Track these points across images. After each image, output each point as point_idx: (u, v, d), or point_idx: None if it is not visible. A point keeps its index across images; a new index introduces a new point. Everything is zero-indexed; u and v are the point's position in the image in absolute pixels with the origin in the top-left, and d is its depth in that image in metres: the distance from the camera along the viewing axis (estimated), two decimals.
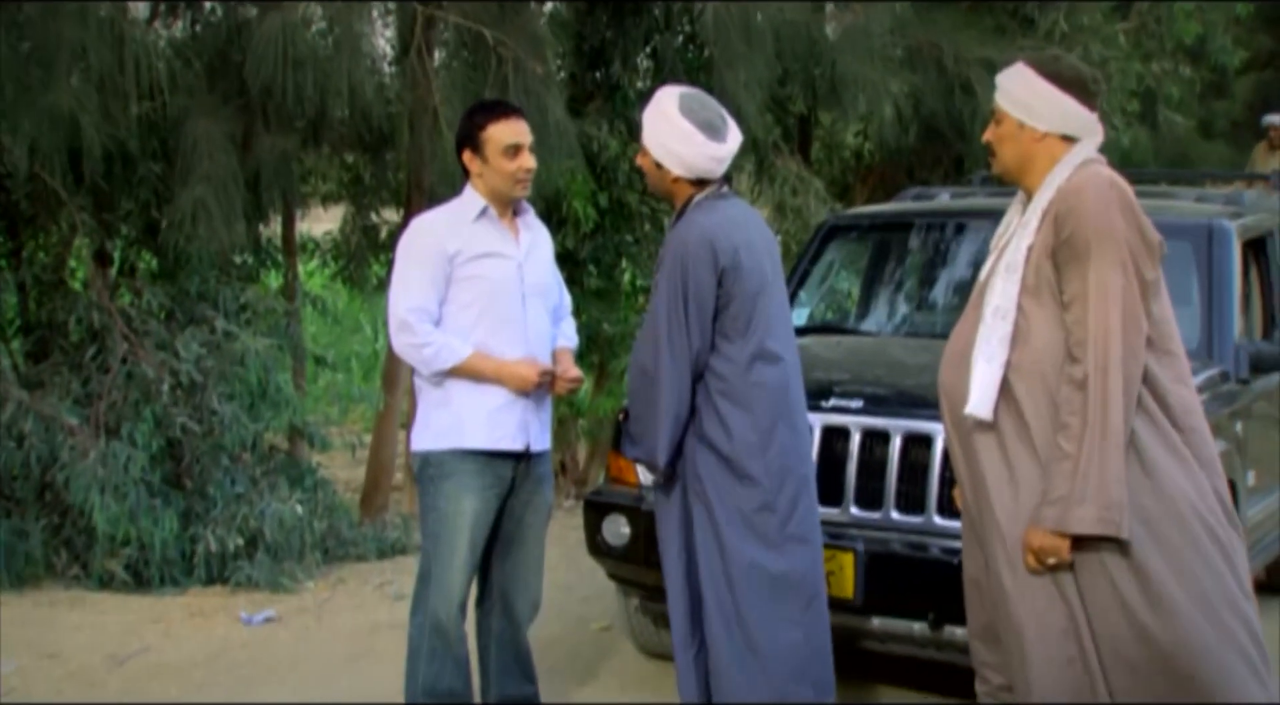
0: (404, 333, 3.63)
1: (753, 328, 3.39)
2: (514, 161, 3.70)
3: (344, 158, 8.15)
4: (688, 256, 3.35)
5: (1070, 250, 2.90)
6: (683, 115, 3.38)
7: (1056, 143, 3.02)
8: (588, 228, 7.41)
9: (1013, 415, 2.92)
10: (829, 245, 5.77)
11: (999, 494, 2.93)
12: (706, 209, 3.43)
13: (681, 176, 3.44)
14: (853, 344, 5.16)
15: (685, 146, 3.37)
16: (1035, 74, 3.01)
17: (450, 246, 3.66)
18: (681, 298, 3.35)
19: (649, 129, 3.46)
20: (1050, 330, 2.91)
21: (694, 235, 3.36)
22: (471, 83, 6.38)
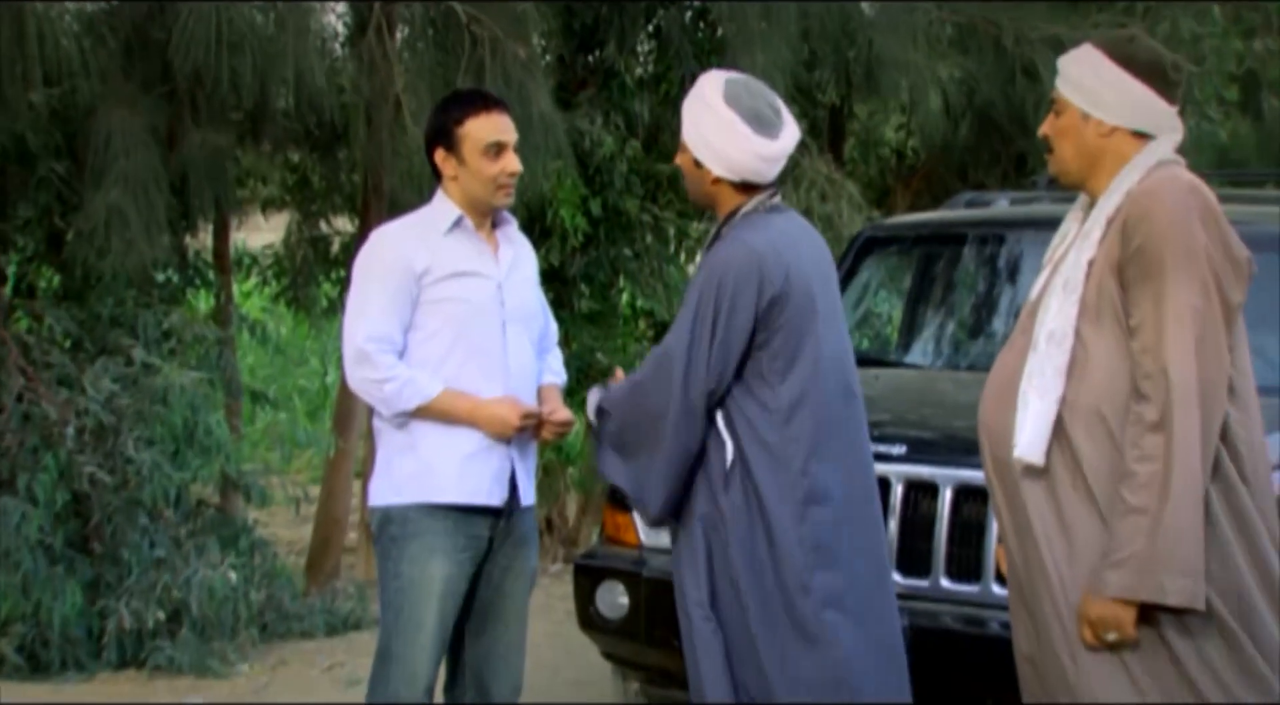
0: (361, 366, 3.67)
1: (797, 369, 3.39)
2: (496, 163, 3.73)
3: (288, 156, 8.24)
4: (729, 280, 3.35)
5: (1140, 266, 2.89)
6: (726, 103, 3.39)
7: (1127, 139, 3.02)
8: (578, 240, 7.49)
9: (1067, 460, 2.91)
10: (865, 261, 5.82)
11: (1051, 554, 2.92)
12: (757, 226, 3.43)
13: (723, 178, 3.44)
14: (894, 378, 5.20)
15: (727, 141, 3.38)
16: (1104, 57, 3.01)
17: (418, 263, 3.69)
18: (710, 328, 3.35)
19: (688, 120, 3.47)
20: (1113, 360, 2.89)
21: (739, 256, 3.36)
22: (441, 68, 6.45)
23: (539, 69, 6.70)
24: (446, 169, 3.77)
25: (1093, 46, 3.07)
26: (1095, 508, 2.90)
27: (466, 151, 3.73)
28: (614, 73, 7.71)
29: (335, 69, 6.81)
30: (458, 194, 3.78)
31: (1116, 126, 3.02)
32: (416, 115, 6.30)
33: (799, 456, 3.39)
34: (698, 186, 3.51)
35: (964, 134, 8.93)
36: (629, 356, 7.99)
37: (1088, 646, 2.89)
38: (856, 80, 8.20)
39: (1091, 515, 2.90)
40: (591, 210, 7.57)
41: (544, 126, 6.36)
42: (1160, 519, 2.80)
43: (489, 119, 3.73)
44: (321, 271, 8.52)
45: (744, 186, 3.46)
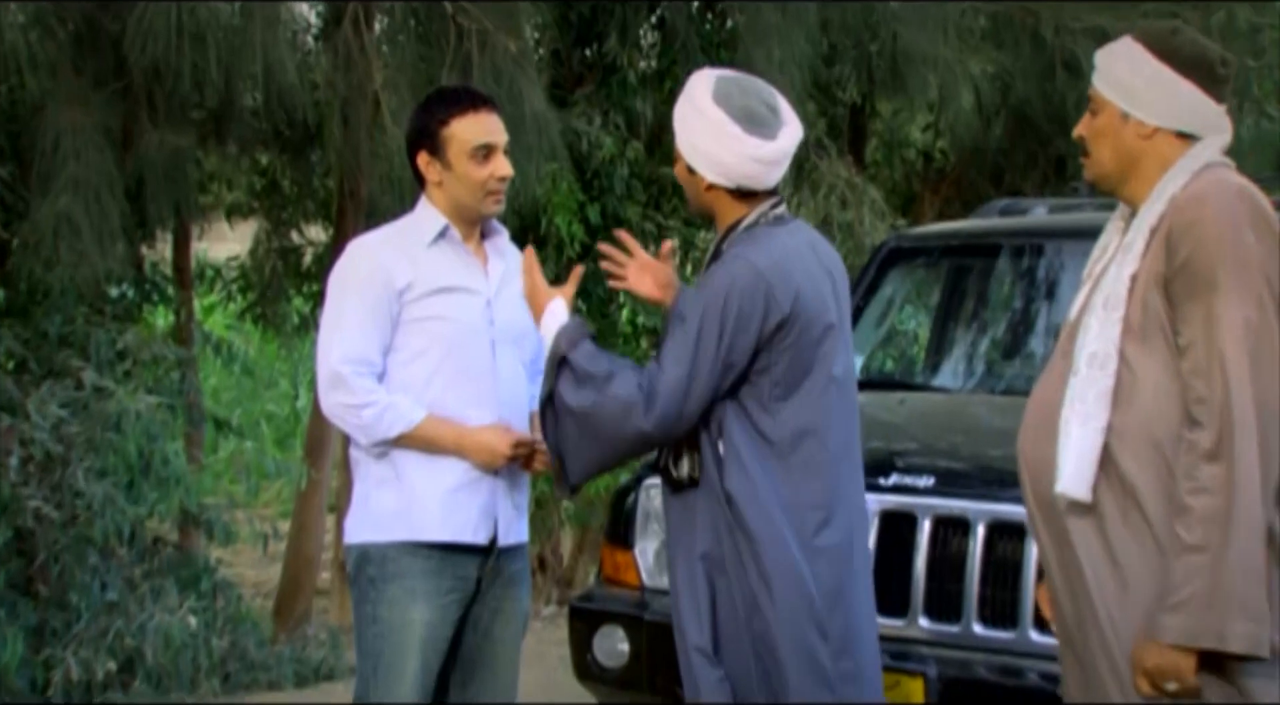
0: (336, 390, 3.68)
1: (800, 396, 3.40)
2: (484, 167, 3.74)
3: (256, 158, 8.27)
4: (733, 304, 3.35)
5: (1187, 279, 2.88)
6: (715, 102, 3.41)
7: (1169, 141, 3.02)
8: (574, 251, 7.50)
9: (1117, 494, 2.91)
10: (889, 274, 5.84)
11: (1102, 597, 2.91)
12: (761, 242, 3.44)
13: (718, 185, 3.46)
14: (921, 403, 5.21)
15: (718, 144, 3.40)
16: (1145, 51, 3.02)
17: (398, 278, 3.70)
18: (713, 355, 3.35)
19: (678, 123, 3.50)
20: (1163, 383, 2.89)
21: (744, 278, 3.36)
22: (424, 62, 6.48)
23: (532, 64, 6.73)
24: (430, 174, 3.79)
25: (1133, 40, 3.07)
26: (1150, 545, 2.89)
27: (452, 155, 3.74)
28: (614, 68, 7.74)
29: (308, 63, 6.84)
30: (443, 201, 3.79)
31: (1158, 127, 3.02)
32: (397, 114, 6.32)
33: (809, 491, 3.39)
34: (694, 196, 3.53)
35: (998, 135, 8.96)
36: None
37: (1144, 697, 2.89)
38: (880, 76, 8.23)
39: (1146, 554, 2.90)
40: (589, 218, 7.58)
41: (537, 127, 6.38)
42: (1220, 557, 2.80)
43: (476, 119, 3.75)
44: (292, 285, 8.54)
45: (741, 194, 3.48)
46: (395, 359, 3.73)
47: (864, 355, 5.88)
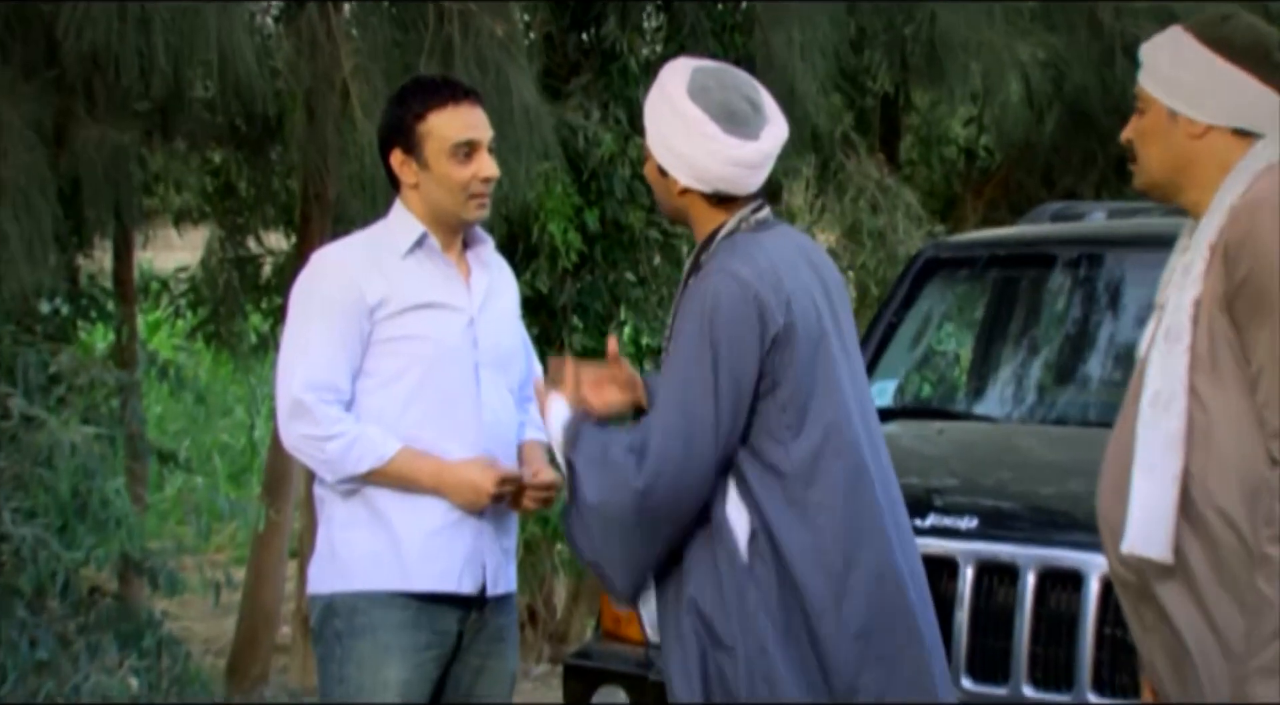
0: (299, 419, 3.68)
1: (811, 419, 3.39)
2: (466, 168, 3.75)
3: (208, 156, 8.29)
4: (720, 323, 3.35)
5: (1249, 299, 2.86)
6: (690, 97, 3.42)
7: (1225, 140, 3.01)
8: (570, 262, 7.52)
9: (1206, 551, 2.89)
10: (926, 287, 5.85)
11: (1208, 671, 2.88)
12: (742, 249, 3.44)
13: (692, 189, 3.47)
14: (963, 434, 5.23)
15: (693, 143, 3.41)
16: (1194, 41, 3.00)
17: (370, 293, 3.70)
18: (712, 396, 3.33)
19: (649, 119, 3.51)
20: (1243, 420, 2.86)
21: (728, 291, 3.36)
22: (398, 48, 6.49)
23: (521, 50, 6.74)
24: (405, 175, 3.80)
25: (1180, 30, 3.06)
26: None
27: (430, 153, 3.75)
28: (614, 54, 7.76)
29: (267, 48, 6.84)
30: (420, 206, 3.80)
31: (1211, 125, 3.00)
32: (369, 107, 6.33)
33: (830, 524, 3.37)
34: (666, 200, 3.54)
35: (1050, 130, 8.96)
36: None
37: None
38: (916, 63, 8.24)
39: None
40: (587, 224, 7.60)
41: (528, 121, 6.39)
42: None
43: (457, 112, 3.76)
44: (249, 300, 8.55)
45: (719, 199, 3.48)
46: (366, 385, 3.74)
47: (898, 379, 5.89)
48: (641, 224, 7.91)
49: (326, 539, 3.81)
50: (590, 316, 8.00)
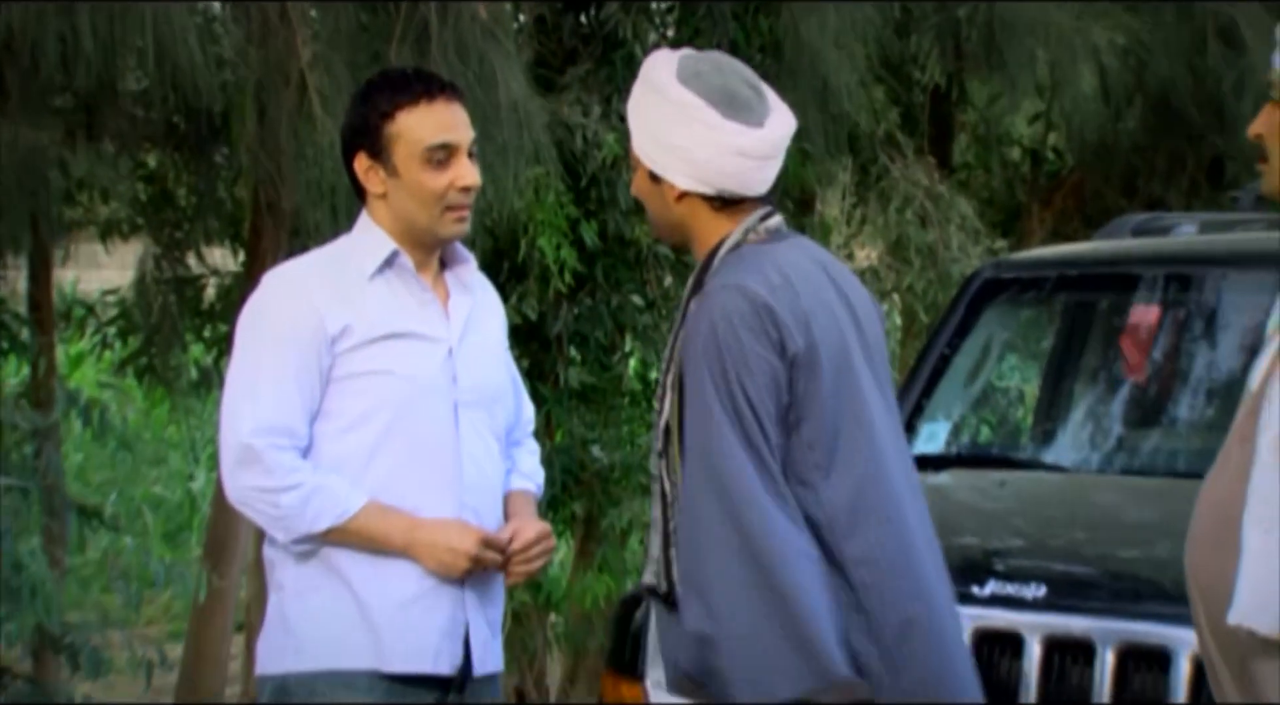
0: (247, 468, 3.67)
1: (843, 457, 3.41)
2: (441, 175, 3.74)
3: (141, 160, 8.29)
4: (730, 345, 3.36)
5: None
6: (682, 83, 3.45)
7: None
8: (565, 283, 7.52)
9: None
10: (984, 313, 5.85)
11: None
12: (751, 261, 3.45)
13: (693, 192, 3.48)
14: (1027, 486, 5.22)
15: (688, 134, 3.43)
16: None
17: (332, 321, 3.70)
18: (733, 415, 3.33)
19: (635, 118, 3.54)
20: None
21: (735, 307, 3.37)
22: (365, 33, 6.51)
23: (509, 36, 6.76)
24: (371, 183, 3.80)
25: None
26: None
27: (399, 158, 3.76)
28: (618, 41, 7.77)
29: (212, 33, 6.86)
30: (389, 219, 3.80)
31: None
32: (330, 102, 6.35)
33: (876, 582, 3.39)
34: (660, 213, 3.56)
35: (1130, 128, 8.98)
36: (638, 449, 7.99)
37: None
38: (971, 50, 8.26)
39: None
40: (585, 239, 7.60)
41: (516, 118, 6.40)
42: None
43: (431, 110, 3.76)
44: (189, 329, 8.55)
45: (723, 203, 3.50)
46: (325, 428, 3.74)
47: (951, 421, 5.88)
48: (649, 238, 7.90)
49: (278, 609, 3.79)
50: (590, 347, 8.00)
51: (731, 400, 3.36)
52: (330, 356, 3.71)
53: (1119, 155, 9.39)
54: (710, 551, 3.37)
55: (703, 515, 3.38)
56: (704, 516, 3.38)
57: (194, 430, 12.38)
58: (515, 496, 3.94)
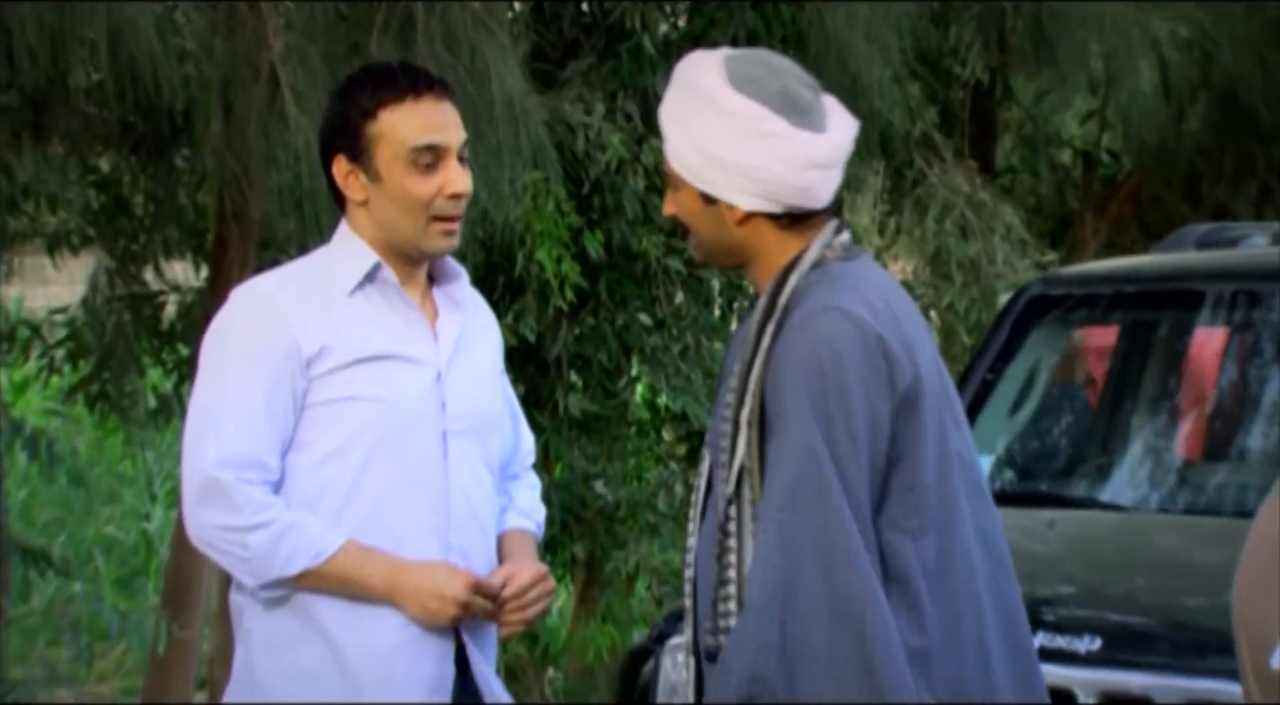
0: (211, 505, 3.67)
1: (940, 504, 3.41)
2: (429, 180, 3.74)
3: (93, 164, 8.29)
4: (846, 373, 3.33)
5: None
6: (737, 89, 3.43)
7: None
8: (565, 300, 7.53)
9: None
10: (1032, 334, 5.87)
11: None
12: (842, 280, 3.44)
13: (759, 211, 3.45)
14: (1081, 527, 5.25)
15: (752, 149, 3.42)
16: None
17: (307, 341, 3.70)
18: (837, 459, 3.30)
19: (677, 134, 3.50)
20: None
21: (842, 332, 3.35)
22: (344, 22, 6.51)
23: (504, 26, 6.76)
24: (351, 189, 3.80)
25: None
26: None
27: (382, 161, 3.76)
28: (623, 31, 7.79)
29: (173, 23, 6.87)
30: (370, 229, 3.80)
31: None
32: (304, 98, 6.36)
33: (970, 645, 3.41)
34: (716, 236, 3.51)
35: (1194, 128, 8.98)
36: (645, 485, 8.00)
37: None
38: (1017, 42, 8.28)
39: None
40: (589, 251, 7.62)
41: (511, 117, 6.40)
42: None
43: (418, 109, 3.76)
44: (146, 351, 8.55)
45: (791, 220, 3.48)
46: (299, 460, 3.74)
47: (994, 454, 5.88)
48: (659, 250, 7.93)
49: (246, 662, 3.79)
50: (592, 371, 8.01)
51: (836, 441, 3.34)
52: (305, 381, 3.71)
53: (1181, 158, 9.40)
54: (806, 619, 3.32)
55: (800, 573, 3.33)
56: (801, 574, 3.33)
57: (151, 464, 12.36)
58: (512, 536, 3.94)
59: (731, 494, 3.42)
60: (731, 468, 3.42)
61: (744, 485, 3.42)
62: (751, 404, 3.40)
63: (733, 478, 3.42)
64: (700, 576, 3.49)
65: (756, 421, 3.40)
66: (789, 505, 3.33)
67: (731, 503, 3.42)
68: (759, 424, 3.40)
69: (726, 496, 3.42)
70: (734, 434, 3.41)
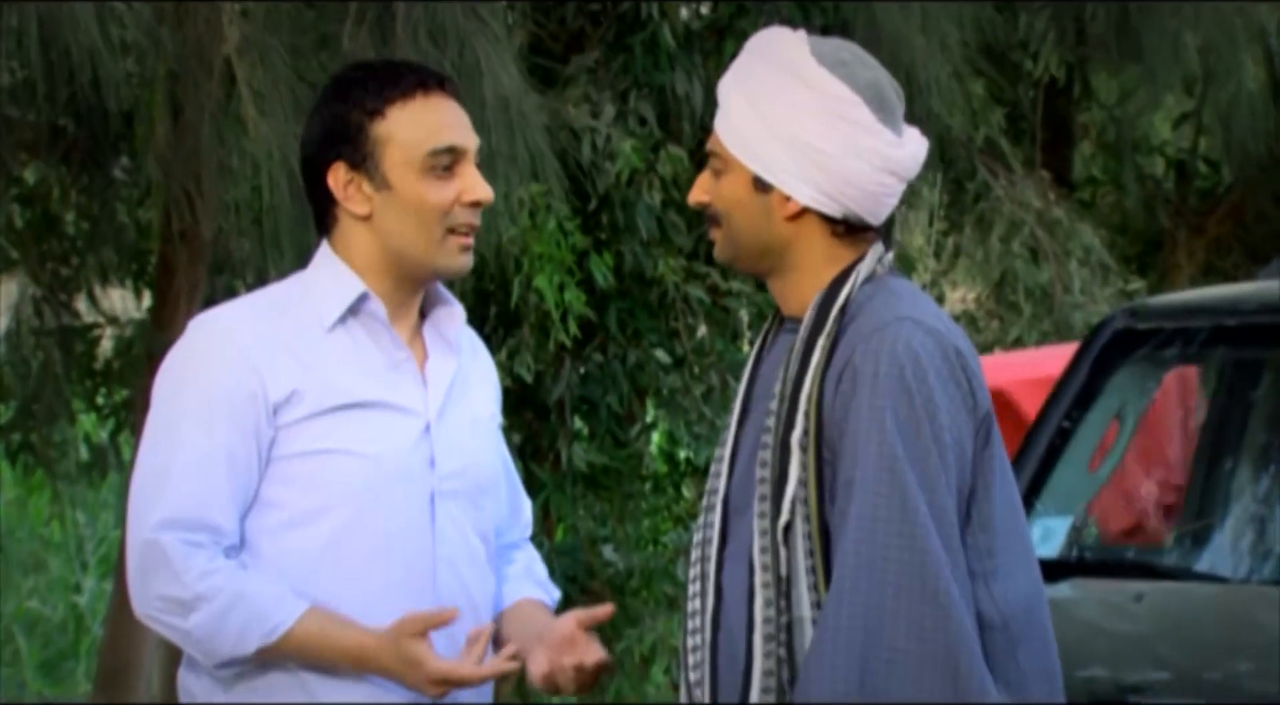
0: (154, 574, 3.66)
1: (1016, 547, 3.49)
2: (446, 186, 3.76)
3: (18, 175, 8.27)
4: (919, 386, 3.40)
5: None
6: (827, 69, 3.49)
7: None
8: (568, 334, 7.55)
9: None
10: (1116, 373, 5.89)
11: None
12: (908, 294, 3.52)
13: (814, 211, 3.52)
14: (1175, 601, 5.24)
15: (836, 136, 3.47)
16: None
17: (275, 383, 3.71)
18: (927, 485, 3.36)
19: (745, 100, 3.56)
20: None
21: (920, 342, 3.41)
22: (311, 10, 6.52)
23: (497, 14, 6.78)
24: (352, 201, 3.78)
25: None
26: None
27: (391, 166, 3.76)
28: (637, 20, 7.83)
29: (114, 13, 6.89)
30: (367, 249, 3.79)
31: None
32: (264, 99, 6.38)
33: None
34: (756, 229, 3.56)
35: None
36: (663, 550, 8.01)
37: None
38: (1096, 35, 8.30)
39: None
40: (595, 277, 7.65)
41: (506, 121, 6.43)
42: None
43: (430, 107, 3.79)
44: (78, 394, 8.56)
45: (845, 230, 3.54)
46: (264, 522, 3.75)
47: (1072, 517, 5.89)
48: (677, 276, 7.96)
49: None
50: (600, 417, 8.03)
51: (921, 460, 3.40)
52: (271, 430, 3.72)
53: None
54: (892, 666, 3.36)
55: (883, 611, 3.37)
56: (884, 613, 3.37)
57: (83, 527, 12.36)
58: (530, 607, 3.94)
59: (784, 525, 3.45)
60: (783, 499, 3.45)
61: (796, 518, 3.45)
62: (805, 425, 3.44)
63: (785, 509, 3.45)
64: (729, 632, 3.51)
65: (813, 445, 3.44)
66: (867, 534, 3.37)
67: (784, 540, 3.45)
68: (815, 448, 3.44)
69: (779, 532, 3.44)
70: (781, 460, 3.45)
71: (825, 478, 3.43)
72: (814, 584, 3.44)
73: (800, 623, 3.43)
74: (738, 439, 3.59)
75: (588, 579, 7.82)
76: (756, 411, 3.54)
